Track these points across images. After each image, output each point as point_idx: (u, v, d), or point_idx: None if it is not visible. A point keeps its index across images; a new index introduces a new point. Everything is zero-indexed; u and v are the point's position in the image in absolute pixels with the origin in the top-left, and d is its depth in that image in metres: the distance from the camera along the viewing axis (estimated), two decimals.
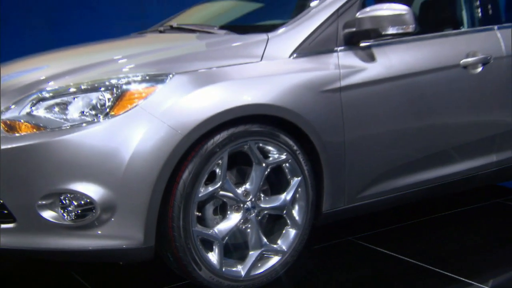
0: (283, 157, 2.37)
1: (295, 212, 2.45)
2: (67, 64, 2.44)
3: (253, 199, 2.34)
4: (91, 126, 2.07)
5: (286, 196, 2.41)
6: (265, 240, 2.38)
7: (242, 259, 2.34)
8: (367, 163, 2.66)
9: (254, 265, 2.34)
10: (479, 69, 3.01)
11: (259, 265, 2.37)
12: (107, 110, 2.10)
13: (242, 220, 2.32)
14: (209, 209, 2.31)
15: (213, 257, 2.25)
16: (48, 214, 2.07)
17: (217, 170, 2.24)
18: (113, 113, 2.09)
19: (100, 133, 2.06)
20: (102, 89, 2.14)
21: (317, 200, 2.52)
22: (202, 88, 2.20)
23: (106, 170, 2.04)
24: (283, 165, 2.39)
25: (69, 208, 2.08)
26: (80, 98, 2.15)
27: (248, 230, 2.34)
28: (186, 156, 2.13)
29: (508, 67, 3.14)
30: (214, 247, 2.26)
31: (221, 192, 2.27)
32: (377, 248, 2.87)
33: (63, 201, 2.08)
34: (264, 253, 2.38)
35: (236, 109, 2.22)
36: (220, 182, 2.25)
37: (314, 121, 2.42)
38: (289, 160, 2.38)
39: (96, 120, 2.08)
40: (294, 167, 2.40)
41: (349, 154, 2.55)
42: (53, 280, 2.55)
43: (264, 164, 2.34)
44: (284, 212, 2.42)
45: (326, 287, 2.49)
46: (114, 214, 2.06)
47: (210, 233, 2.26)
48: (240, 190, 2.32)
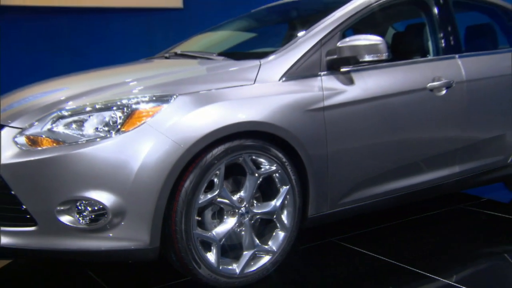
0: (274, 168, 2.38)
1: (284, 217, 2.45)
2: (84, 86, 2.45)
3: (247, 205, 2.34)
4: (104, 141, 2.07)
5: (276, 202, 2.41)
6: (257, 241, 2.38)
7: (237, 258, 2.34)
8: (347, 173, 2.67)
9: (247, 264, 2.34)
10: (443, 92, 3.04)
11: (252, 263, 2.36)
12: (119, 126, 2.11)
13: (237, 224, 2.33)
14: (208, 214, 2.32)
15: (211, 256, 2.25)
16: (65, 219, 2.07)
17: (215, 180, 2.24)
18: (123, 130, 2.10)
19: (112, 147, 2.06)
20: (114, 108, 2.16)
21: (303, 206, 2.53)
22: (202, 108, 2.21)
23: (117, 179, 2.05)
24: (274, 175, 2.40)
25: (84, 213, 2.08)
26: (95, 116, 2.15)
27: (243, 232, 2.35)
28: (187, 167, 2.14)
29: (467, 90, 3.18)
30: (212, 247, 2.27)
31: (219, 199, 2.28)
32: (356, 248, 2.87)
33: (79, 207, 2.07)
34: (256, 253, 2.38)
35: (232, 126, 2.23)
36: (218, 190, 2.26)
37: (301, 136, 2.43)
38: (279, 171, 2.39)
39: (108, 136, 2.09)
40: (283, 177, 2.41)
41: (331, 166, 2.56)
42: (69, 277, 2.54)
43: (256, 174, 2.35)
44: (274, 216, 2.42)
45: (311, 284, 2.47)
46: (124, 219, 2.06)
47: (208, 235, 2.26)
48: (235, 197, 2.33)
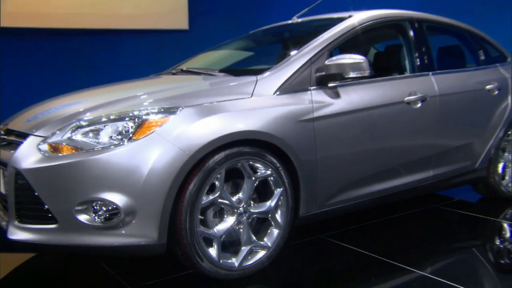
0: (269, 172, 2.37)
1: (278, 216, 2.43)
2: (100, 99, 2.44)
3: (244, 206, 2.33)
4: (118, 148, 2.06)
5: (271, 203, 2.40)
6: (254, 238, 2.37)
7: (235, 253, 2.32)
8: (334, 177, 2.67)
9: (245, 258, 2.32)
10: (419, 105, 3.04)
11: (249, 257, 2.35)
12: (130, 135, 2.10)
13: (236, 222, 2.31)
14: (210, 213, 2.30)
15: (213, 251, 2.24)
16: (83, 217, 2.06)
17: (216, 183, 2.23)
18: (135, 138, 2.09)
19: (124, 153, 2.05)
20: (127, 119, 2.15)
21: (295, 206, 2.51)
22: (205, 118, 2.20)
23: (128, 182, 2.04)
24: (269, 178, 2.39)
25: (99, 213, 2.07)
26: (109, 126, 2.15)
27: (241, 230, 2.33)
28: (192, 171, 2.13)
29: (440, 104, 3.19)
30: (213, 243, 2.25)
31: (219, 200, 2.26)
32: (342, 244, 2.86)
33: (95, 207, 2.07)
34: (253, 248, 2.37)
35: (232, 135, 2.22)
36: (219, 192, 2.24)
37: (293, 144, 2.42)
38: (273, 175, 2.38)
39: (121, 143, 2.08)
40: (277, 180, 2.40)
41: (320, 170, 2.56)
42: (85, 269, 2.52)
43: (253, 178, 2.34)
44: (269, 215, 2.41)
45: (301, 276, 2.46)
46: (135, 218, 2.05)
47: (210, 232, 2.25)
48: (234, 198, 2.32)
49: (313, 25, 3.33)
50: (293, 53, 2.70)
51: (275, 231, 2.43)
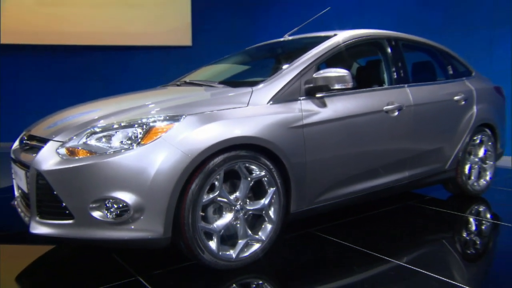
0: (263, 173, 2.35)
1: (271, 212, 2.42)
2: (112, 108, 2.41)
3: (241, 203, 2.31)
4: (128, 152, 2.04)
5: (265, 201, 2.38)
6: (249, 232, 2.35)
7: (233, 246, 2.30)
8: (321, 178, 2.65)
9: (242, 250, 2.30)
10: (396, 113, 3.04)
11: (245, 250, 2.33)
12: (139, 140, 2.08)
13: (233, 218, 2.29)
14: (210, 210, 2.27)
15: (213, 244, 2.22)
16: (96, 214, 2.04)
17: (216, 183, 2.21)
18: (143, 143, 2.07)
19: (133, 156, 2.03)
20: (136, 125, 2.13)
21: (286, 204, 2.50)
22: (206, 125, 2.18)
23: (137, 182, 2.02)
24: (263, 179, 2.37)
25: (111, 210, 2.05)
26: (120, 132, 2.13)
27: (238, 225, 2.31)
28: (194, 173, 2.11)
29: (414, 112, 3.20)
30: (213, 237, 2.23)
31: (219, 198, 2.24)
32: (329, 237, 2.85)
33: (107, 205, 2.05)
34: (249, 241, 2.35)
35: (230, 140, 2.21)
36: (218, 191, 2.23)
37: (285, 148, 2.41)
38: (267, 176, 2.36)
39: (131, 148, 2.06)
40: (270, 181, 2.38)
41: (309, 172, 2.54)
42: (98, 260, 2.49)
43: (249, 179, 2.32)
44: (263, 212, 2.39)
45: (292, 266, 2.45)
46: (143, 214, 2.03)
47: (210, 227, 2.22)
48: (232, 197, 2.30)
49: (302, 42, 3.33)
50: (284, 67, 2.69)
51: (269, 226, 2.41)
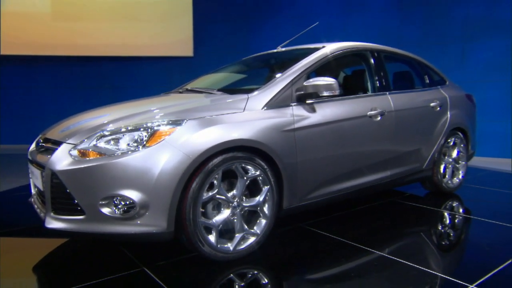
0: (258, 173, 2.33)
1: (265, 208, 2.39)
2: (120, 113, 2.38)
3: (238, 200, 2.29)
4: (134, 153, 2.02)
5: (259, 198, 2.36)
6: (245, 226, 2.33)
7: (230, 239, 2.28)
8: (311, 177, 2.63)
9: (238, 243, 2.28)
10: (379, 118, 3.04)
11: (241, 243, 2.31)
12: (144, 143, 2.06)
13: (231, 214, 2.27)
14: (209, 207, 2.25)
15: (212, 238, 2.19)
16: (105, 210, 2.02)
17: (215, 182, 2.19)
18: (148, 145, 2.05)
19: (139, 157, 2.01)
20: (141, 129, 2.11)
21: (279, 201, 2.48)
22: (206, 129, 2.16)
23: (143, 181, 1.99)
24: (258, 178, 2.35)
25: (119, 206, 2.02)
26: (127, 135, 2.10)
27: (235, 220, 2.29)
28: (194, 172, 2.09)
29: (395, 117, 3.20)
30: (212, 231, 2.21)
31: (217, 196, 2.22)
32: (318, 231, 2.83)
33: (115, 202, 2.02)
34: (245, 235, 2.33)
35: (228, 142, 2.19)
36: (217, 189, 2.21)
37: (278, 150, 2.39)
38: (262, 175, 2.34)
39: (137, 149, 2.04)
40: (264, 179, 2.36)
41: (300, 171, 2.52)
42: (107, 252, 2.47)
43: (245, 178, 2.30)
44: (258, 208, 2.37)
45: (284, 257, 2.43)
46: (148, 210, 2.01)
47: (210, 222, 2.20)
48: (229, 194, 2.28)
49: (293, 53, 3.31)
50: (277, 75, 2.67)
51: (263, 221, 2.39)
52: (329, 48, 3.01)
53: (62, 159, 2.09)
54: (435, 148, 3.68)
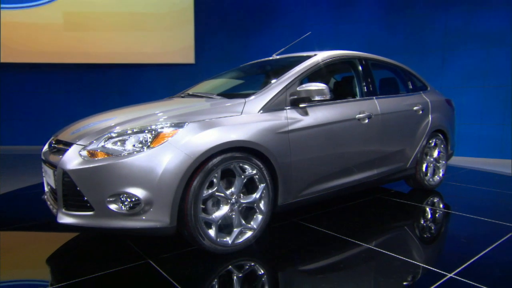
0: (254, 172, 2.31)
1: (262, 205, 2.38)
2: (126, 116, 2.36)
3: (236, 197, 2.27)
4: (139, 153, 2.00)
5: (256, 195, 2.34)
6: (243, 221, 2.31)
7: (229, 233, 2.26)
8: (304, 175, 2.61)
9: (236, 237, 2.27)
10: (366, 121, 3.03)
11: (239, 237, 2.29)
12: (149, 144, 2.04)
13: (229, 210, 2.25)
14: (209, 203, 2.23)
15: (212, 232, 2.18)
16: (113, 206, 2.00)
17: (214, 180, 2.17)
18: (152, 146, 2.03)
19: (144, 158, 1.99)
20: (146, 131, 2.09)
21: (274, 197, 2.46)
22: (206, 131, 2.14)
23: (147, 180, 1.97)
24: (254, 176, 2.33)
25: (125, 203, 2.00)
26: (133, 136, 2.08)
27: (233, 216, 2.27)
28: (195, 171, 2.08)
29: (381, 120, 3.19)
30: (212, 226, 2.19)
31: (217, 193, 2.20)
32: (311, 225, 2.82)
33: (122, 199, 2.00)
34: (242, 230, 2.31)
35: (226, 143, 2.17)
36: (216, 187, 2.19)
37: (273, 150, 2.37)
38: (258, 174, 2.33)
39: (142, 150, 2.02)
40: (261, 178, 2.34)
41: (294, 170, 2.51)
42: (114, 245, 2.44)
43: (242, 176, 2.29)
44: (255, 204, 2.35)
45: (279, 250, 2.41)
46: (152, 207, 1.99)
47: (210, 218, 2.18)
48: (228, 192, 2.26)
49: (288, 61, 3.30)
50: (273, 81, 2.66)
51: (259, 217, 2.37)
52: (321, 56, 3.00)
53: (72, 159, 2.07)
54: (418, 148, 3.68)
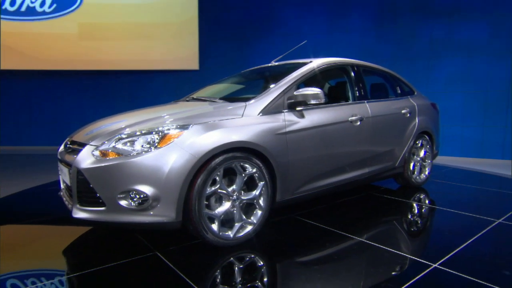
0: (254, 170, 2.30)
1: (261, 201, 2.37)
2: (135, 119, 2.35)
3: (237, 194, 2.26)
4: (147, 153, 1.99)
5: (256, 192, 2.33)
6: (244, 217, 2.30)
7: (231, 227, 2.25)
8: (301, 174, 2.60)
9: (237, 231, 2.26)
10: (358, 123, 3.01)
11: (240, 231, 2.28)
12: (156, 144, 2.03)
13: (231, 206, 2.24)
14: (212, 199, 2.21)
15: (215, 227, 2.16)
16: (123, 202, 1.99)
17: (217, 178, 2.16)
18: (159, 146, 2.02)
19: (152, 157, 1.98)
20: (154, 133, 2.08)
21: (273, 194, 2.45)
22: (209, 132, 2.13)
23: (155, 178, 1.97)
24: (254, 175, 2.32)
25: (135, 199, 1.99)
26: (141, 137, 2.07)
27: (234, 211, 2.26)
28: (199, 170, 2.07)
29: (372, 122, 3.18)
30: (215, 221, 2.18)
31: (219, 190, 2.19)
32: (307, 220, 2.81)
33: (131, 195, 1.99)
34: (243, 224, 2.30)
35: (228, 144, 2.16)
36: (219, 185, 2.18)
37: (272, 150, 2.36)
38: (258, 172, 2.32)
39: (150, 150, 2.01)
40: (260, 176, 2.33)
41: (291, 169, 2.50)
42: (124, 238, 2.43)
43: (243, 175, 2.27)
44: (255, 201, 2.34)
45: (277, 243, 2.40)
46: (159, 203, 1.98)
47: (213, 213, 2.17)
48: (230, 189, 2.25)
49: (285, 67, 3.28)
50: (271, 86, 2.64)
51: (259, 212, 2.36)
52: (316, 62, 2.99)
53: (86, 158, 2.06)
54: (406, 148, 3.67)
